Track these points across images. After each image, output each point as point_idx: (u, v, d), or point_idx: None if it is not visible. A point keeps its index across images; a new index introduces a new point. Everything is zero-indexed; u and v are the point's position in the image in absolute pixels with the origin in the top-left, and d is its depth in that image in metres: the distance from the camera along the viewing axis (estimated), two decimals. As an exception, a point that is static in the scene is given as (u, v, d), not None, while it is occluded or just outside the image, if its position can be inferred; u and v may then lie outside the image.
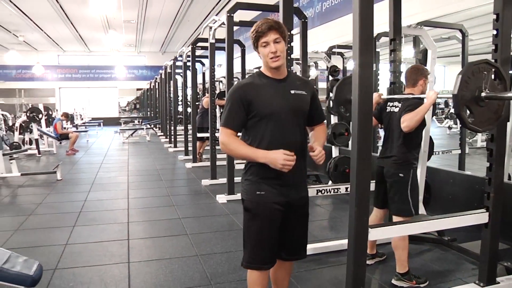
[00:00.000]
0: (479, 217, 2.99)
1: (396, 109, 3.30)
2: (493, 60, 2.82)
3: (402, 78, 4.07)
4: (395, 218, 3.30)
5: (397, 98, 3.42)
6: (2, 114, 13.78)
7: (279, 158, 2.00)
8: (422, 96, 3.25)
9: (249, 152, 2.11)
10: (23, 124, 11.79)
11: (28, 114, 11.37)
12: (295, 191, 2.23)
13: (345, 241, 2.58)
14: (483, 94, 2.60)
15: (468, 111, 2.61)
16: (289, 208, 2.21)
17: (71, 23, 16.90)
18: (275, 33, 2.08)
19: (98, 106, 25.93)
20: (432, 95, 3.07)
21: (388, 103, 3.43)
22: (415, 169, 3.27)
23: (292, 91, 2.19)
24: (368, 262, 3.53)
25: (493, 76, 2.67)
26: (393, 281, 3.27)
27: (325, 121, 3.91)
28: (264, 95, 2.14)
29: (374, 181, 3.51)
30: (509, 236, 3.98)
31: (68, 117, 13.88)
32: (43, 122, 12.01)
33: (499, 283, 3.07)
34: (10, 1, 13.05)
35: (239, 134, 2.24)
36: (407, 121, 3.08)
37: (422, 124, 3.17)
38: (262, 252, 2.22)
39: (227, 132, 2.13)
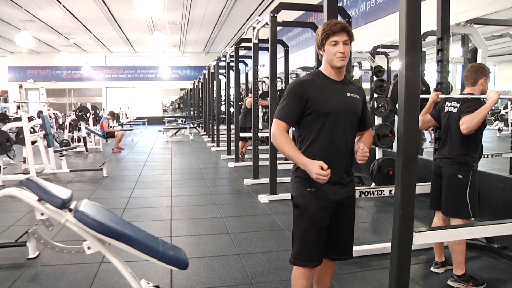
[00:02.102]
0: (532, 224, 2.86)
1: (455, 110, 3.21)
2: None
3: (449, 79, 3.95)
4: (453, 221, 3.23)
5: (456, 97, 3.31)
6: (54, 113, 14.40)
7: (313, 171, 2.02)
8: (482, 96, 3.14)
9: (293, 155, 2.13)
10: (72, 123, 12.27)
11: (77, 113, 11.83)
12: (344, 189, 2.25)
13: (388, 245, 2.53)
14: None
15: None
16: (337, 206, 2.23)
17: (118, 25, 17.41)
18: (346, 35, 2.13)
19: (143, 106, 26.58)
20: (494, 95, 2.95)
21: (447, 102, 3.34)
22: (474, 171, 3.18)
23: (348, 94, 2.22)
24: (438, 270, 3.46)
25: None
26: (449, 282, 3.22)
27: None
28: (323, 93, 2.18)
29: (428, 182, 3.44)
30: None
31: (114, 116, 14.31)
32: (90, 120, 12.43)
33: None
34: (63, 6, 13.59)
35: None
36: (467, 123, 2.99)
37: (483, 125, 3.07)
38: (309, 249, 2.23)
39: (280, 125, 2.17)
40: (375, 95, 6.12)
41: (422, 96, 3.55)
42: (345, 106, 2.19)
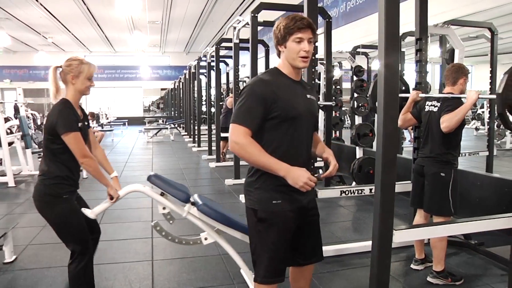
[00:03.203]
0: (508, 221, 2.91)
1: (435, 109, 3.27)
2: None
3: (428, 78, 4.01)
4: (436, 218, 3.30)
5: (436, 97, 3.38)
6: (32, 114, 14.15)
7: (303, 176, 1.82)
8: (462, 96, 3.20)
9: (272, 163, 1.86)
10: (51, 123, 12.03)
11: (55, 114, 11.61)
12: (305, 195, 2.05)
13: (369, 243, 2.55)
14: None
15: (511, 112, 2.58)
16: (301, 213, 2.07)
17: (98, 24, 17.21)
18: (311, 33, 1.96)
19: (123, 106, 26.32)
20: (474, 95, 3.01)
21: (427, 102, 3.39)
22: (455, 169, 3.25)
23: (308, 96, 2.08)
24: (418, 267, 3.51)
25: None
26: (429, 279, 3.28)
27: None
28: (288, 95, 1.97)
29: (408, 181, 3.49)
30: (539, 241, 3.88)
31: (94, 116, 14.14)
32: (70, 121, 12.21)
33: (529, 289, 2.98)
34: (41, 4, 13.36)
35: None
36: (447, 121, 3.05)
37: (462, 124, 3.13)
38: (279, 264, 2.06)
39: (242, 132, 1.89)
40: (355, 95, 6.17)
41: (401, 95, 3.61)
42: (307, 109, 2.04)
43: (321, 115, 5.92)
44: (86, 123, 2.70)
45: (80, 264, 2.62)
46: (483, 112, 13.82)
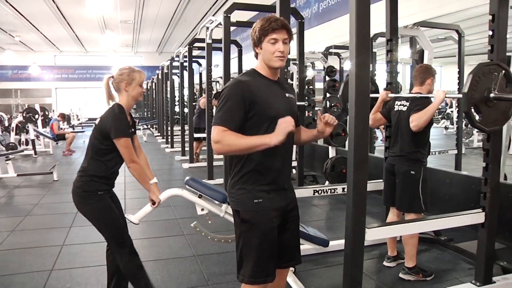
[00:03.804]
0: (475, 217, 3.00)
1: (404, 108, 3.34)
2: (489, 61, 2.83)
3: (399, 79, 4.09)
4: (408, 215, 3.37)
5: (405, 96, 3.45)
6: (-1, 115, 13.77)
7: (279, 125, 1.85)
8: (430, 95, 3.28)
9: (253, 140, 1.89)
10: (19, 125, 11.76)
11: (24, 115, 11.35)
12: (287, 195, 2.12)
13: (342, 241, 2.58)
14: (492, 94, 2.63)
15: (476, 111, 2.65)
16: (283, 213, 2.10)
17: (68, 24, 16.87)
18: (286, 34, 1.98)
19: (95, 107, 25.81)
20: (441, 94, 3.08)
21: (396, 101, 3.46)
22: (425, 167, 3.32)
23: (287, 95, 2.12)
24: (390, 264, 3.57)
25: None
26: (401, 275, 3.34)
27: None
28: (267, 95, 2.00)
29: (381, 180, 3.56)
30: (505, 236, 4.01)
31: (65, 117, 13.85)
32: (39, 122, 11.97)
33: (495, 282, 3.08)
34: (6, 1, 13.01)
35: None
36: (416, 120, 3.12)
37: (430, 123, 3.21)
38: (266, 263, 2.05)
39: (221, 129, 1.91)
40: (328, 95, 6.24)
41: (372, 95, 3.66)
42: (287, 108, 2.05)
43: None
44: (133, 129, 2.86)
45: (125, 258, 2.75)
46: (452, 111, 14.17)
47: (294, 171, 6.23)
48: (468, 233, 3.93)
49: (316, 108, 8.01)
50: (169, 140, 12.35)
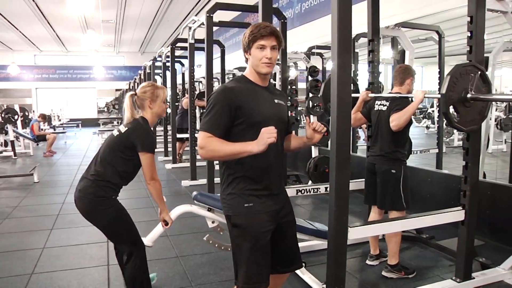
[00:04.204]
0: (455, 214, 3.05)
1: (384, 108, 3.38)
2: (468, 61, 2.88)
3: (381, 79, 4.12)
4: (390, 214, 3.40)
5: (385, 96, 3.49)
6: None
7: (262, 134, 1.84)
8: (409, 95, 3.32)
9: (236, 146, 1.90)
10: (-2, 126, 11.55)
11: (3, 115, 11.14)
12: (280, 199, 2.11)
13: (325, 241, 2.60)
14: (469, 95, 2.68)
15: (454, 111, 2.70)
16: (277, 218, 2.08)
17: (48, 23, 16.60)
18: (275, 40, 1.99)
19: (76, 107, 25.53)
20: (420, 94, 3.13)
21: (376, 101, 3.50)
22: (405, 165, 3.37)
23: (276, 101, 2.11)
24: (373, 263, 3.60)
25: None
26: (383, 273, 3.38)
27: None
28: (253, 101, 2.01)
29: (363, 179, 3.59)
30: (484, 233, 4.08)
31: (45, 118, 13.64)
32: (19, 123, 11.78)
33: (474, 278, 3.14)
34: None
35: None
36: (396, 120, 3.16)
37: (410, 122, 3.26)
38: (258, 269, 2.04)
39: (206, 135, 1.93)
40: (310, 95, 6.25)
41: (352, 95, 3.70)
42: (275, 114, 2.06)
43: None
44: None
45: (136, 263, 2.76)
46: (433, 111, 14.34)
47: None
48: (449, 230, 3.99)
49: (299, 108, 8.04)
50: (152, 140, 12.20)
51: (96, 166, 2.72)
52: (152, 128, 2.82)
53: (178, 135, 8.95)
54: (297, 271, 3.27)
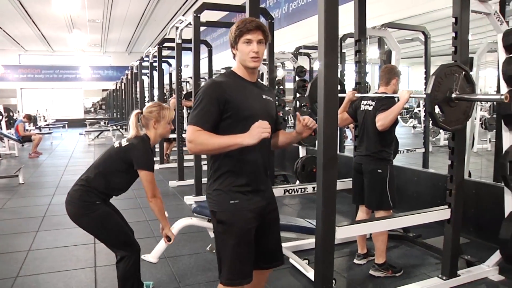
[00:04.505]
0: (441, 213, 3.09)
1: (370, 108, 3.40)
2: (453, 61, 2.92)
3: (367, 79, 4.15)
4: (377, 213, 3.42)
5: (371, 96, 3.51)
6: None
7: (255, 127, 1.84)
8: (395, 95, 3.35)
9: (225, 139, 1.89)
10: (-18, 127, 11.40)
11: (-13, 116, 11.00)
12: (265, 196, 2.12)
13: (313, 240, 2.61)
14: (453, 95, 2.71)
15: (439, 111, 2.73)
16: (261, 214, 2.09)
17: (33, 22, 16.41)
18: (261, 34, 2.00)
19: (63, 108, 25.27)
20: (406, 94, 3.15)
21: (363, 101, 3.52)
22: (391, 165, 3.39)
23: (264, 96, 2.12)
24: (360, 262, 3.62)
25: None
26: (371, 272, 3.40)
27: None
28: (242, 96, 2.01)
29: (350, 178, 3.61)
30: (469, 231, 4.13)
31: (31, 118, 13.49)
32: (3, 124, 11.64)
33: (459, 275, 3.18)
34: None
35: None
36: (382, 120, 3.18)
37: (395, 122, 3.28)
38: (242, 265, 2.05)
39: (195, 129, 1.92)
40: (298, 95, 6.28)
41: (339, 95, 3.72)
42: (263, 109, 2.07)
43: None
44: None
45: (129, 263, 2.74)
46: (419, 111, 14.47)
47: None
48: (436, 229, 4.04)
49: (286, 108, 8.05)
50: (139, 141, 12.13)
51: (87, 172, 2.78)
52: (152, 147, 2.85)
53: (166, 136, 8.89)
54: (302, 269, 3.36)
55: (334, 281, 3.07)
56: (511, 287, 3.20)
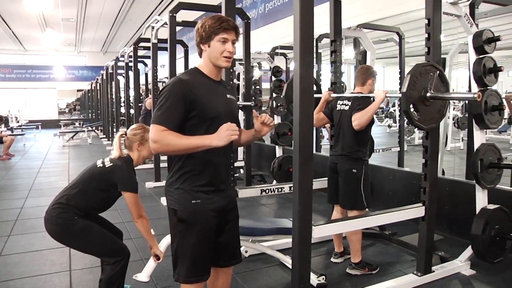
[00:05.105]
0: (416, 211, 3.14)
1: (346, 107, 3.42)
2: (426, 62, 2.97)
3: (343, 79, 4.19)
4: (350, 213, 3.44)
5: (347, 96, 3.54)
6: None
7: (223, 129, 1.85)
8: (371, 95, 3.39)
9: (193, 140, 1.88)
10: (-49, 128, 11.07)
11: (-44, 117, 10.69)
12: (226, 195, 2.13)
13: (290, 239, 2.62)
14: (428, 94, 2.76)
15: (414, 110, 2.77)
16: (222, 213, 2.10)
17: (3, 20, 16.01)
18: (235, 35, 2.00)
19: (36, 108, 24.72)
20: (381, 94, 3.20)
21: (339, 101, 3.54)
22: (367, 165, 3.42)
23: (228, 96, 2.12)
24: (337, 260, 3.65)
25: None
26: (348, 270, 3.44)
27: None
28: (207, 96, 1.98)
29: (326, 178, 3.64)
30: (443, 228, 4.22)
31: (2, 119, 13.16)
32: (-26, 125, 11.33)
33: (434, 271, 3.25)
34: None
35: None
36: (358, 119, 3.21)
37: (371, 122, 3.31)
38: (201, 263, 2.08)
39: (160, 129, 1.88)
40: (274, 95, 6.30)
41: (314, 95, 3.75)
42: (227, 109, 2.06)
43: (241, 115, 5.96)
44: None
45: (117, 267, 2.71)
46: (394, 110, 14.68)
47: (242, 171, 6.25)
48: (411, 226, 4.10)
49: (263, 108, 8.07)
50: (115, 142, 11.98)
51: (66, 191, 2.74)
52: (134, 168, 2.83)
53: (142, 136, 8.80)
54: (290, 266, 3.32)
55: (324, 276, 3.13)
56: (482, 281, 3.28)
